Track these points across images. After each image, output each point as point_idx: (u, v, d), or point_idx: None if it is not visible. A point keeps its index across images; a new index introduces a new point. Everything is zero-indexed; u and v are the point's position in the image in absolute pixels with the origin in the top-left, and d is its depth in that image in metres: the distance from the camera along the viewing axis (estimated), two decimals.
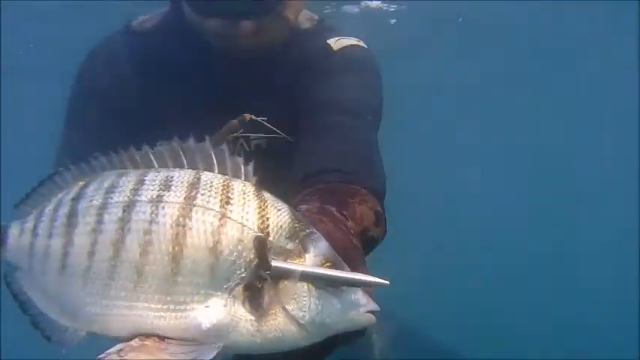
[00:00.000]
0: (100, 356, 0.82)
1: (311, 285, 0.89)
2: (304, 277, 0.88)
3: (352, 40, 1.69)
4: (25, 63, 6.90)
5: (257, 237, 0.88)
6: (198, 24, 1.55)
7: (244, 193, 0.91)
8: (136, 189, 0.90)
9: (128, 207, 0.89)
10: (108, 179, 0.94)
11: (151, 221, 0.87)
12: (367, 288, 0.94)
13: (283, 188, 1.09)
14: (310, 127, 1.49)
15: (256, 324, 0.87)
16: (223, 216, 0.88)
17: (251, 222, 0.89)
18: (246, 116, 1.62)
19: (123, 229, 0.88)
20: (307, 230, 0.93)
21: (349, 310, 0.91)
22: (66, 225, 0.92)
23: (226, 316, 0.86)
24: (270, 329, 0.87)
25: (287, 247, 0.90)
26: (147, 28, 1.71)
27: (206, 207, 0.88)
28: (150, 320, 0.87)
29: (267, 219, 0.90)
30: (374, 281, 0.91)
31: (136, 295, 0.87)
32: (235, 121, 1.61)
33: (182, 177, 0.91)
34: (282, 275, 0.88)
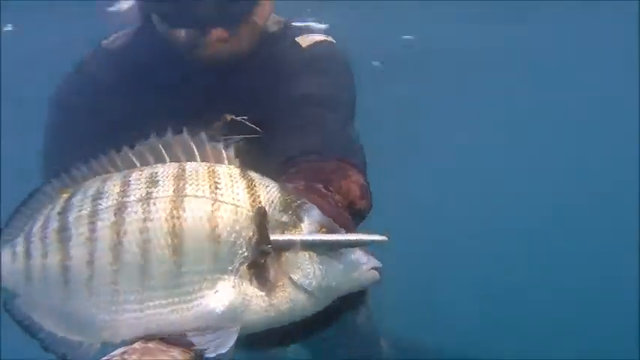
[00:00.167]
0: (104, 358, 0.82)
1: (312, 252, 0.91)
2: (305, 246, 0.91)
3: (320, 37, 1.74)
4: None
5: (257, 209, 0.89)
6: (169, 35, 1.58)
7: (231, 176, 0.92)
8: (123, 191, 0.90)
9: (119, 210, 0.88)
10: (92, 186, 0.93)
11: (145, 219, 0.87)
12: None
13: None
14: (287, 122, 1.53)
15: (267, 299, 0.89)
16: (215, 201, 0.89)
17: (243, 201, 0.90)
18: (227, 117, 1.64)
19: (118, 233, 0.87)
20: (298, 201, 0.95)
21: (352, 270, 0.93)
22: (59, 240, 0.90)
23: (237, 297, 0.87)
24: (281, 301, 0.89)
25: (282, 220, 0.91)
26: (118, 46, 1.75)
27: (197, 195, 0.89)
28: (164, 317, 0.87)
29: (257, 196, 0.91)
30: (372, 239, 0.93)
31: (146, 295, 0.87)
32: (219, 123, 1.64)
33: (167, 171, 0.92)
34: (283, 247, 0.90)
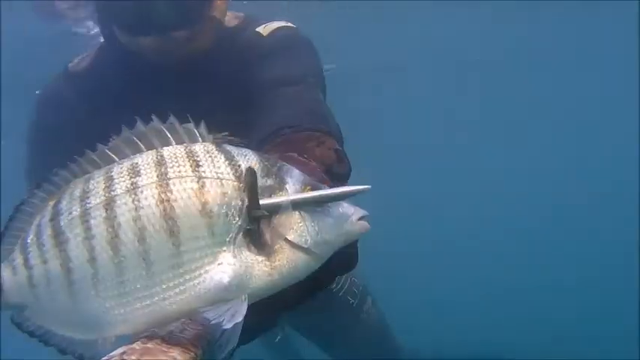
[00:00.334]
0: (104, 359, 0.83)
1: (302, 211, 0.94)
2: (295, 205, 0.93)
3: (279, 23, 1.80)
4: None
5: (247, 173, 0.91)
6: (133, 45, 1.61)
7: (208, 152, 0.94)
8: (108, 186, 0.91)
9: (109, 205, 0.90)
10: (77, 188, 0.94)
11: (136, 208, 0.89)
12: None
13: None
14: (259, 105, 1.55)
15: (268, 263, 0.91)
16: (200, 178, 0.91)
17: (226, 173, 0.93)
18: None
19: (113, 226, 0.89)
20: (278, 164, 0.98)
21: (343, 222, 0.97)
22: (56, 245, 0.92)
23: (240, 266, 0.90)
24: (282, 263, 0.92)
25: (267, 185, 0.94)
26: (84, 67, 1.80)
27: (181, 176, 0.91)
28: (173, 299, 0.89)
29: (238, 166, 0.94)
30: (356, 189, 0.97)
31: (152, 281, 0.89)
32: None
33: (146, 159, 0.93)
34: (273, 210, 0.92)
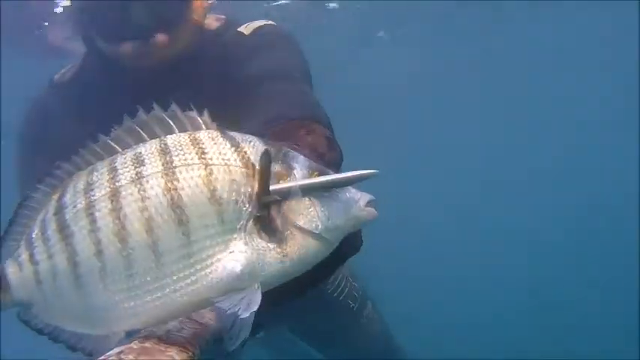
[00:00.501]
0: (101, 358, 0.81)
1: (311, 197, 0.92)
2: (304, 191, 0.91)
3: (261, 22, 1.81)
4: None
5: (261, 161, 0.88)
6: (114, 52, 1.63)
7: (213, 139, 0.92)
8: (113, 177, 0.89)
9: (114, 196, 0.88)
10: (80, 181, 0.91)
11: (143, 198, 0.87)
12: None
13: None
14: (246, 102, 1.54)
15: (280, 249, 0.89)
16: (206, 165, 0.89)
17: (233, 160, 0.90)
18: None
19: (119, 218, 0.86)
20: (283, 150, 0.96)
21: (351, 207, 0.95)
22: (61, 239, 0.89)
23: (252, 253, 0.88)
24: (293, 249, 0.90)
25: (275, 171, 0.92)
26: (69, 78, 1.83)
27: (187, 164, 0.89)
28: (185, 290, 0.87)
29: (245, 152, 0.92)
30: (365, 173, 0.95)
31: (162, 273, 0.87)
32: None
33: (150, 148, 0.91)
34: (283, 196, 0.90)
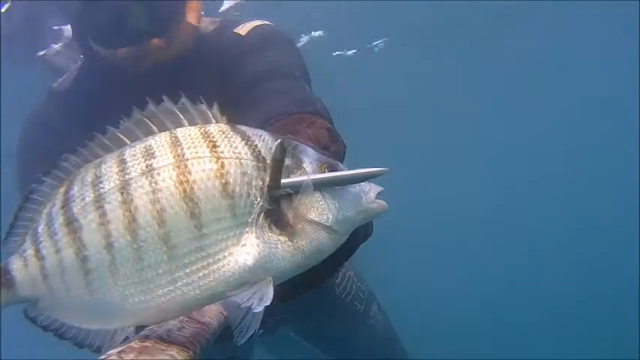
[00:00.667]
0: (101, 357, 0.80)
1: (321, 190, 0.91)
2: (316, 185, 0.91)
3: (256, 22, 1.83)
4: None
5: (274, 155, 0.87)
6: (110, 57, 1.65)
7: (223, 133, 0.91)
8: (122, 169, 0.87)
9: (124, 188, 0.86)
10: (88, 174, 0.89)
11: (154, 190, 0.85)
12: None
13: None
14: (245, 104, 1.54)
15: (291, 243, 0.89)
16: (218, 158, 0.88)
17: (244, 153, 0.89)
18: None
19: (130, 210, 0.85)
20: (293, 143, 0.96)
21: (360, 199, 0.95)
22: (69, 233, 0.87)
23: (264, 247, 0.87)
24: (305, 243, 0.89)
25: (285, 164, 0.90)
26: (66, 86, 1.85)
27: (198, 156, 0.87)
28: (197, 283, 0.86)
29: (255, 146, 0.91)
30: (377, 171, 0.94)
31: (174, 266, 0.85)
32: None
33: (160, 141, 0.89)
34: (295, 190, 0.89)
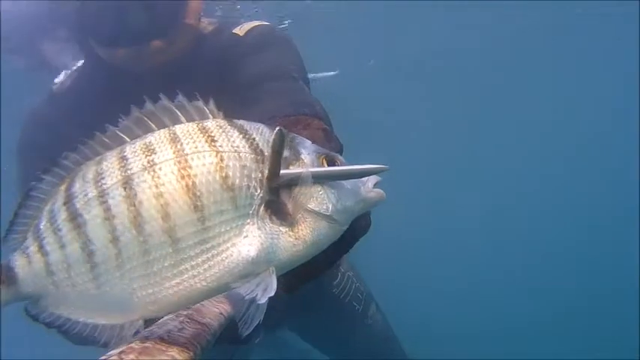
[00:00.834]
0: (102, 358, 0.81)
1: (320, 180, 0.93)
2: (315, 178, 0.92)
3: (255, 22, 1.84)
4: None
5: (273, 145, 0.88)
6: (112, 58, 1.65)
7: (221, 127, 0.92)
8: (124, 165, 0.88)
9: (126, 183, 0.87)
10: (89, 171, 0.90)
11: (157, 185, 0.86)
12: None
13: None
14: (243, 104, 1.54)
15: (292, 233, 0.90)
16: (217, 152, 0.89)
17: (242, 146, 0.91)
18: None
19: (134, 205, 0.86)
20: (291, 135, 0.97)
21: (358, 189, 0.97)
22: (73, 228, 0.87)
23: (266, 237, 0.89)
24: (305, 233, 0.91)
25: (284, 156, 0.92)
26: (67, 86, 1.84)
27: (198, 151, 0.89)
28: (202, 275, 0.87)
29: (253, 139, 0.92)
30: (375, 168, 0.96)
31: (180, 258, 0.86)
32: None
33: (159, 137, 0.91)
34: (293, 181, 0.91)
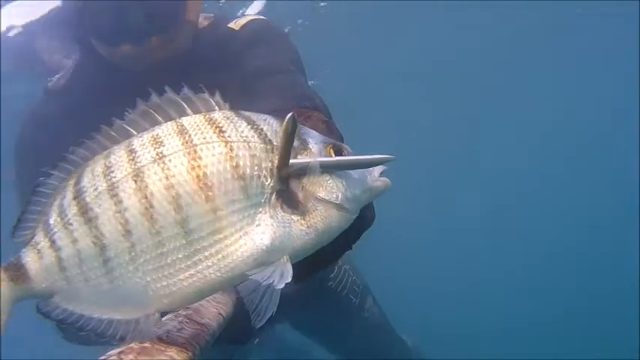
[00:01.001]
0: (101, 358, 0.81)
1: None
2: (324, 167, 0.93)
3: (250, 17, 1.84)
4: None
5: (288, 122, 0.88)
6: (112, 55, 1.62)
7: (228, 118, 0.92)
8: (132, 158, 0.88)
9: (137, 176, 0.86)
10: (97, 165, 0.89)
11: (167, 176, 0.86)
12: None
13: None
14: (242, 100, 1.56)
15: (304, 222, 0.90)
16: (227, 142, 0.89)
17: (251, 136, 0.91)
18: None
19: (146, 197, 0.85)
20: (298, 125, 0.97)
21: (366, 177, 0.98)
22: (84, 222, 0.87)
23: (278, 226, 0.89)
24: (317, 221, 0.91)
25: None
26: (63, 83, 1.82)
27: (207, 142, 0.88)
28: (217, 266, 0.87)
29: (261, 129, 0.92)
30: (382, 158, 0.97)
31: (193, 249, 0.86)
32: None
33: (167, 130, 0.90)
34: (302, 170, 0.91)
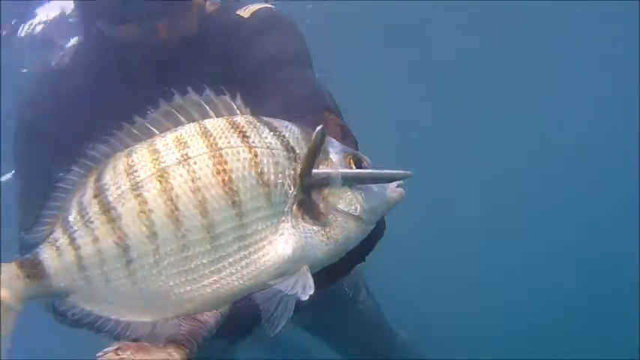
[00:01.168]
0: (98, 354, 0.81)
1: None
2: (345, 179, 0.93)
3: (258, 5, 1.82)
4: None
5: (318, 133, 0.87)
6: (119, 36, 1.59)
7: (251, 124, 0.91)
8: (156, 158, 0.86)
9: (162, 177, 0.84)
10: (119, 163, 0.87)
11: (193, 179, 0.84)
12: None
13: None
14: (251, 90, 1.55)
15: (324, 232, 0.90)
16: (251, 148, 0.88)
17: (274, 144, 0.90)
18: None
19: (172, 199, 0.84)
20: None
21: (384, 190, 0.98)
22: (107, 221, 0.84)
23: (300, 236, 0.89)
24: (336, 232, 0.91)
25: None
26: (66, 63, 1.79)
27: (232, 146, 0.87)
28: (240, 273, 0.86)
29: (284, 137, 0.92)
30: (402, 174, 0.97)
31: (218, 255, 0.85)
32: None
33: (190, 131, 0.88)
34: (324, 180, 0.91)
